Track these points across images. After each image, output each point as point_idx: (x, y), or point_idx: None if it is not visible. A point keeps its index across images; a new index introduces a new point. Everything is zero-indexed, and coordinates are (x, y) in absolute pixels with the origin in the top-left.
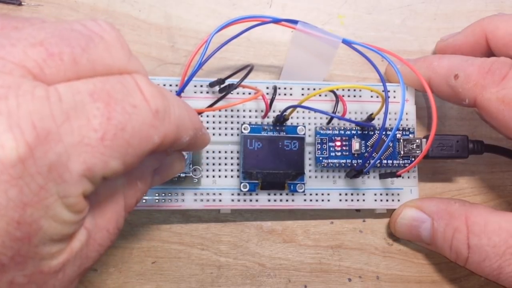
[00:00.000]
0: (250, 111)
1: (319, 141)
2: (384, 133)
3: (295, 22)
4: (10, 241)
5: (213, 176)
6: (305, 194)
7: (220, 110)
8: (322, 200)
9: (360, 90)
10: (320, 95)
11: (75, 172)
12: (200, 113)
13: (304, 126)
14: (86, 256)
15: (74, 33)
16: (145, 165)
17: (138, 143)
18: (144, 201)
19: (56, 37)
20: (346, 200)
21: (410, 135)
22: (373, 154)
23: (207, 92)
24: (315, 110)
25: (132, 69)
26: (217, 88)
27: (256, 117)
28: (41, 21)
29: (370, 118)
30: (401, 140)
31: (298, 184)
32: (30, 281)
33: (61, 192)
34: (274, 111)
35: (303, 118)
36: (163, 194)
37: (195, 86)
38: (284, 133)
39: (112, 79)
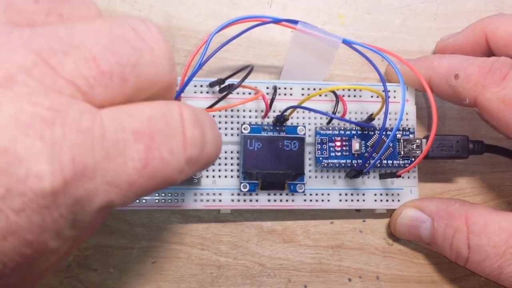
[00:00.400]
0: (250, 111)
1: (319, 141)
2: (384, 133)
3: (295, 22)
4: (18, 257)
5: (213, 176)
6: (305, 194)
7: (220, 111)
8: (322, 200)
9: (360, 90)
10: (320, 95)
11: (96, 206)
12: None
13: (304, 126)
14: (69, 253)
15: (126, 46)
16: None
17: (159, 186)
18: (144, 201)
19: (108, 52)
20: (346, 200)
21: (410, 135)
22: (373, 154)
23: (207, 92)
24: (315, 111)
25: (173, 82)
26: (217, 88)
27: (256, 117)
28: (87, 13)
29: (370, 118)
30: (401, 140)
31: (298, 184)
32: (21, 281)
33: (76, 219)
34: (274, 111)
35: (303, 118)
36: (163, 194)
37: (195, 86)
38: (284, 133)
39: (158, 113)
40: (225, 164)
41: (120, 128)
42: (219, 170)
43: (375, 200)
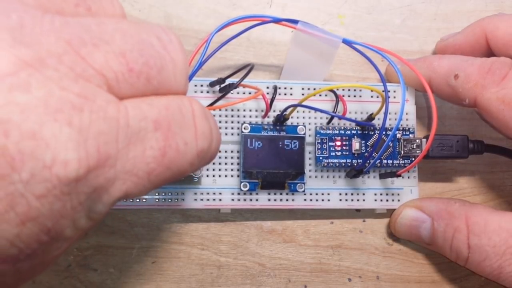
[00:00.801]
0: (250, 110)
1: (319, 141)
2: (384, 133)
3: (295, 22)
4: (35, 243)
5: (213, 176)
6: (305, 194)
7: (220, 110)
8: (322, 200)
9: (360, 90)
10: (320, 95)
11: (114, 196)
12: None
13: (304, 126)
14: (73, 241)
15: (152, 50)
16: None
17: (172, 178)
18: (144, 200)
19: (137, 52)
20: (346, 200)
21: (410, 135)
22: (373, 154)
23: (207, 92)
24: (315, 109)
25: (185, 92)
26: (217, 87)
27: (256, 116)
28: (115, 11)
29: (370, 118)
30: (401, 140)
31: (298, 184)
32: (31, 269)
33: (93, 208)
34: (274, 111)
35: (303, 118)
36: (163, 194)
37: (195, 85)
38: (284, 133)
39: (174, 104)
40: (225, 164)
41: (143, 116)
42: (219, 170)
43: (375, 200)
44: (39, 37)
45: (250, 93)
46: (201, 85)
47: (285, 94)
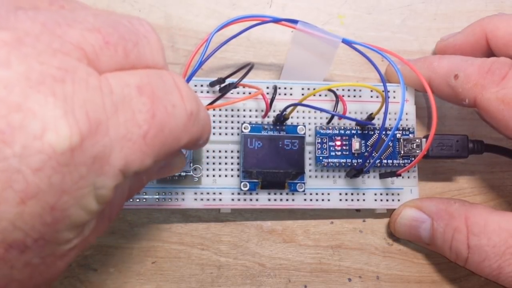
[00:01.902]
0: (250, 110)
1: (319, 141)
2: (384, 132)
3: (295, 22)
4: (39, 225)
5: (213, 176)
6: (305, 194)
7: (220, 109)
8: (322, 200)
9: (360, 90)
10: (320, 95)
11: (114, 166)
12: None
13: (304, 126)
14: (88, 241)
15: (125, 28)
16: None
17: (170, 144)
18: (144, 200)
19: (111, 27)
20: (346, 200)
21: (410, 135)
22: (373, 154)
23: (208, 92)
24: (315, 108)
25: (164, 68)
26: (217, 87)
27: (256, 116)
28: (87, 6)
29: (370, 117)
30: (401, 140)
31: (298, 184)
32: (43, 263)
33: (97, 184)
34: (274, 111)
35: (303, 117)
36: (163, 194)
37: (195, 85)
38: (284, 133)
39: (153, 73)
40: (225, 164)
41: (125, 84)
42: (219, 170)
43: (375, 200)
44: (15, 22)
45: (250, 93)
46: (201, 85)
47: (285, 94)
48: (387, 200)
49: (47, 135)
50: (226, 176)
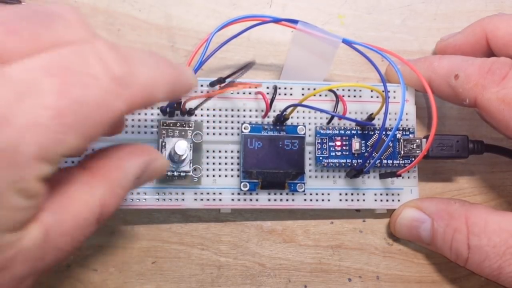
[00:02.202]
0: (250, 110)
1: (319, 141)
2: (384, 133)
3: (295, 22)
4: None
5: (213, 176)
6: (305, 194)
7: (220, 110)
8: (322, 200)
9: (360, 90)
10: (320, 95)
11: (27, 155)
12: (208, 97)
13: (304, 126)
14: (42, 258)
15: (34, 13)
16: (125, 172)
17: (98, 114)
18: (144, 200)
19: (16, 16)
20: (346, 200)
21: (410, 135)
22: (373, 154)
23: (208, 92)
24: (315, 109)
25: (91, 40)
26: (217, 87)
27: (256, 116)
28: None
29: (370, 118)
30: (401, 140)
31: (298, 184)
32: None
33: (12, 177)
34: (274, 111)
35: (303, 118)
36: (163, 194)
37: None
38: (284, 133)
39: (68, 50)
40: (225, 164)
41: (29, 68)
42: (219, 170)
43: (375, 200)
44: None
45: (250, 93)
46: (201, 85)
47: (285, 94)
48: (387, 200)
49: None
50: (226, 176)
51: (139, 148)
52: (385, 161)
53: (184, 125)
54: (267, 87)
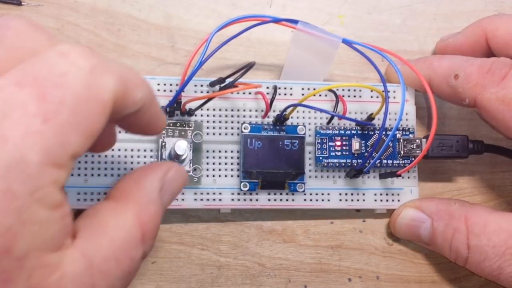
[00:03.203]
0: (250, 110)
1: (319, 141)
2: (384, 133)
3: (295, 22)
4: None
5: (213, 176)
6: (305, 194)
7: (220, 110)
8: (322, 200)
9: (360, 90)
10: (320, 95)
11: (35, 163)
12: (209, 98)
13: (304, 126)
14: (92, 285)
15: None
16: (147, 189)
17: (86, 107)
18: None
19: None
20: (346, 200)
21: (410, 135)
22: (373, 154)
23: (208, 92)
24: (315, 109)
25: (51, 45)
26: (217, 88)
27: (256, 116)
28: None
29: (370, 118)
30: (401, 140)
31: (298, 184)
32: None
33: (28, 189)
34: (274, 111)
35: (303, 118)
36: None
37: (195, 85)
38: (284, 133)
39: (32, 60)
40: (225, 164)
41: (1, 87)
42: (219, 170)
43: (375, 200)
44: None
45: (250, 93)
46: (201, 85)
47: (285, 94)
48: (387, 201)
49: None
50: (226, 176)
51: (153, 165)
52: (385, 161)
53: (184, 125)
54: (267, 87)
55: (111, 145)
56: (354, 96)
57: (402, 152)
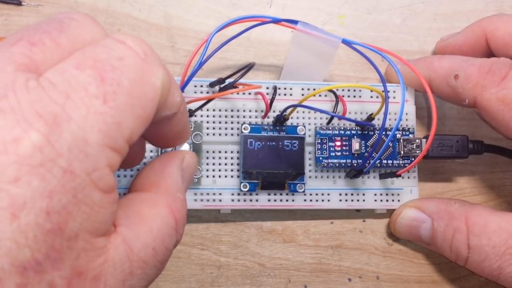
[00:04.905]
0: (250, 111)
1: (319, 141)
2: (384, 133)
3: (295, 22)
4: (41, 235)
5: (213, 176)
6: (305, 194)
7: (220, 110)
8: (322, 200)
9: (360, 90)
10: (320, 95)
11: (95, 143)
12: (209, 99)
13: (304, 126)
14: (130, 272)
15: (45, 23)
16: (173, 177)
17: (140, 91)
18: None
19: (31, 30)
20: (346, 200)
21: (410, 135)
22: (373, 154)
23: (207, 92)
24: (315, 109)
25: (104, 37)
26: (217, 88)
27: (256, 117)
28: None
29: (370, 118)
30: (401, 140)
31: (298, 184)
32: (69, 284)
33: (87, 168)
34: (274, 111)
35: (303, 118)
36: None
37: (195, 86)
38: (284, 133)
39: (91, 46)
40: (225, 164)
41: (62, 70)
42: (219, 170)
43: (375, 200)
44: None
45: (250, 93)
46: (201, 85)
47: (285, 95)
48: (387, 201)
49: (10, 147)
50: (226, 176)
51: (171, 153)
52: (385, 161)
53: None
54: (267, 88)
55: (140, 160)
56: (354, 96)
57: (402, 152)
